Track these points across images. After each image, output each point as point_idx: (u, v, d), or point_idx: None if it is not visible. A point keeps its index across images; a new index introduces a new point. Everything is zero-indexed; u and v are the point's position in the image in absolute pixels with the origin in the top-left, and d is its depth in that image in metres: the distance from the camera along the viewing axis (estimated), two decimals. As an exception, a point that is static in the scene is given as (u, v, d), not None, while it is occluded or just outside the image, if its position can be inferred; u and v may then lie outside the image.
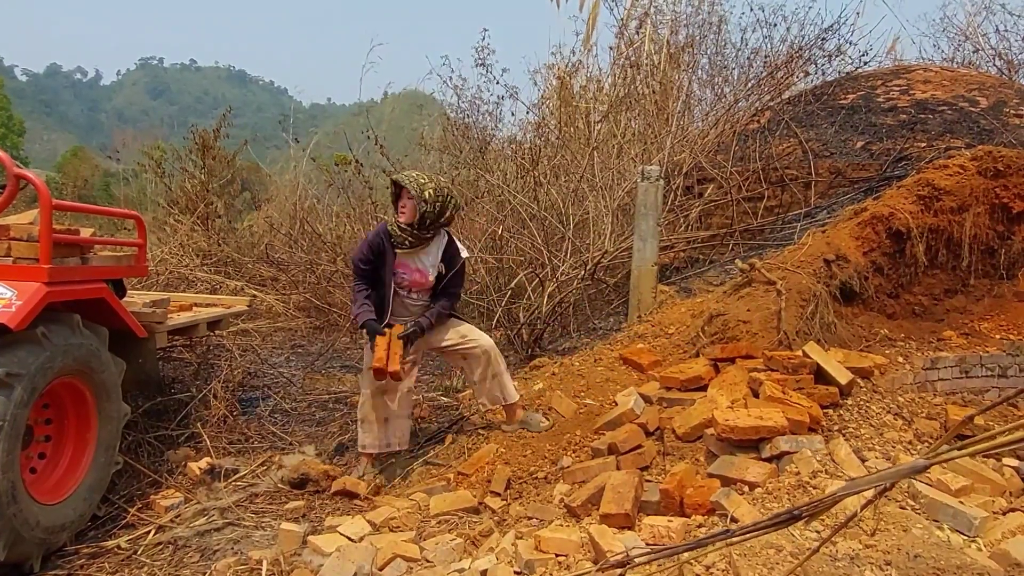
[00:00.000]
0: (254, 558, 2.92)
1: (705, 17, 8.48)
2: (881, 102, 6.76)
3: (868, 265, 4.23)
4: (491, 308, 5.99)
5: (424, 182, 3.69)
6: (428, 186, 3.67)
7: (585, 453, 3.54)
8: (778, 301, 3.81)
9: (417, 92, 11.73)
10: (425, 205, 3.65)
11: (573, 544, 2.55)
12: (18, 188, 2.99)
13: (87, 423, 3.26)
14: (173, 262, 7.91)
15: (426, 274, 3.80)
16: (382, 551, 2.76)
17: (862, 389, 3.42)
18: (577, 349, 5.01)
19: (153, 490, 3.70)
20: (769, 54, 7.89)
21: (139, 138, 25.69)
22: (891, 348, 4.01)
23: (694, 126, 7.47)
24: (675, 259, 6.17)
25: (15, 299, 2.76)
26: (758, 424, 2.90)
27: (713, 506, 2.65)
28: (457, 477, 3.65)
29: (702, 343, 4.00)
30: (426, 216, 3.68)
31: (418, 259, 3.80)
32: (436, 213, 3.70)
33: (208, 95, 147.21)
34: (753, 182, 6.26)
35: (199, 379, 4.83)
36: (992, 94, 6.57)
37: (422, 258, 3.80)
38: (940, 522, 2.45)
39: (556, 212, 6.20)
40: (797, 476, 2.70)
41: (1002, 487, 2.84)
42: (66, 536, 3.10)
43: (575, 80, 8.69)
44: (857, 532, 2.34)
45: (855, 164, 6.06)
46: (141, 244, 3.94)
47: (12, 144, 32.22)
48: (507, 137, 8.58)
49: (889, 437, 3.12)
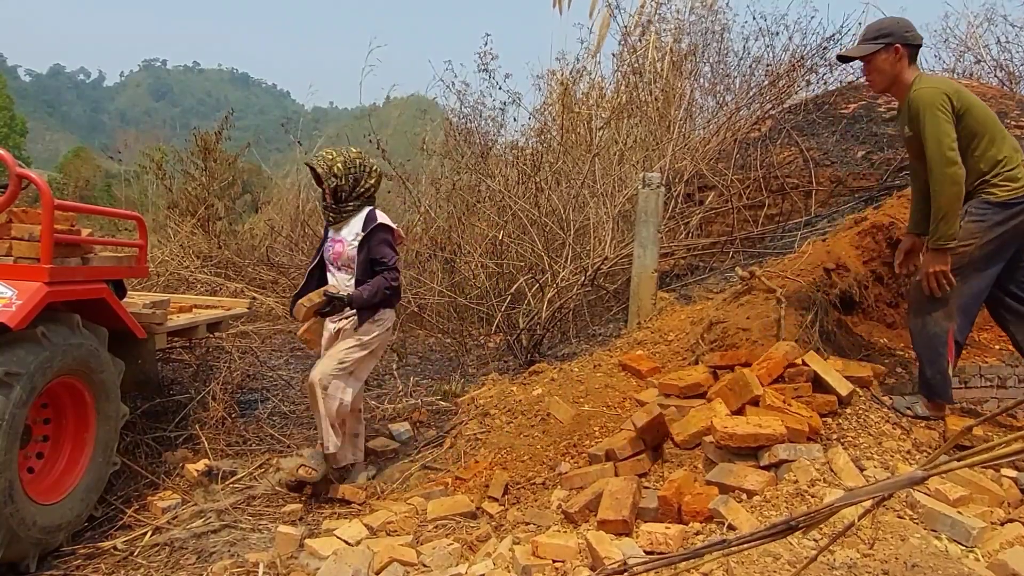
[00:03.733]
0: (251, 561, 2.91)
1: (708, 25, 8.50)
2: (882, 112, 6.78)
3: (868, 274, 4.23)
4: (491, 313, 5.99)
5: (332, 157, 3.73)
6: (337, 160, 3.72)
7: (583, 459, 3.54)
8: (778, 309, 3.81)
9: (421, 97, 11.75)
10: (335, 179, 3.70)
11: (570, 550, 2.55)
12: (20, 188, 3.00)
13: (85, 423, 3.26)
14: (173, 263, 7.92)
15: (344, 244, 3.76)
16: (379, 555, 2.76)
17: (861, 398, 3.42)
18: (576, 355, 5.01)
19: (150, 491, 3.70)
20: (771, 63, 7.91)
21: (141, 139, 25.75)
22: (890, 357, 4.00)
23: (696, 133, 7.49)
24: (675, 266, 6.17)
25: (15, 298, 2.77)
26: (757, 432, 2.90)
27: (711, 513, 2.65)
28: (455, 482, 3.65)
29: (701, 350, 4.00)
30: (339, 190, 3.73)
31: (340, 232, 3.80)
32: (351, 186, 3.74)
33: (211, 97, 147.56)
34: (754, 190, 6.27)
35: (198, 381, 4.83)
36: (993, 105, 6.58)
37: (343, 231, 3.79)
38: (938, 532, 2.45)
39: (557, 218, 6.20)
40: (795, 484, 2.69)
41: (1000, 497, 2.84)
42: (63, 536, 3.10)
43: (578, 86, 8.72)
44: (855, 541, 2.33)
45: (856, 173, 6.07)
46: (142, 245, 3.95)
47: (14, 144, 32.28)
48: (509, 142, 8.60)
49: (888, 446, 3.11)
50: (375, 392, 5.42)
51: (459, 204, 7.65)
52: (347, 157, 3.75)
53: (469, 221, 7.14)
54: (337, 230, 3.81)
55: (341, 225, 3.80)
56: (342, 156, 3.75)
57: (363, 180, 3.78)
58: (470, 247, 6.74)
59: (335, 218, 3.80)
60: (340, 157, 3.74)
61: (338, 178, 3.71)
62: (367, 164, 3.82)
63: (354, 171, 3.74)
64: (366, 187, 3.80)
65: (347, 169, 3.72)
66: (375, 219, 3.72)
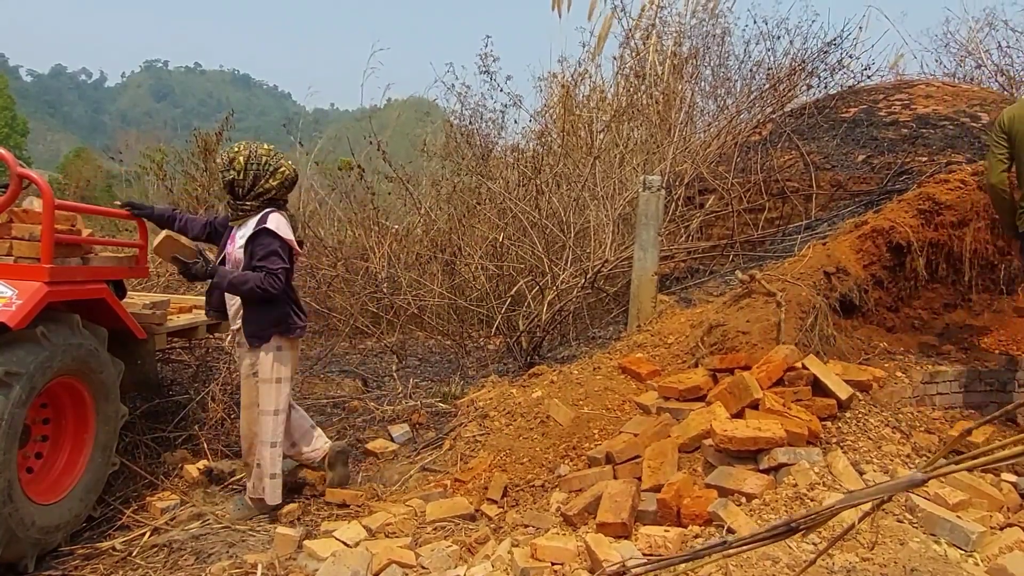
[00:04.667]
0: (249, 562, 2.91)
1: (709, 29, 8.52)
2: (883, 116, 6.78)
3: (868, 278, 4.23)
4: (491, 315, 5.99)
5: (237, 150, 3.49)
6: (240, 153, 3.46)
7: (582, 461, 3.53)
8: (778, 313, 3.81)
9: (422, 100, 11.76)
10: (232, 173, 3.46)
11: (569, 552, 2.55)
12: (21, 187, 3.00)
13: (85, 423, 3.26)
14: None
15: (234, 244, 3.52)
16: (377, 556, 2.76)
17: (861, 402, 3.42)
18: (576, 357, 5.01)
19: (149, 492, 3.69)
20: (772, 67, 7.92)
21: (142, 140, 25.72)
22: (890, 361, 4.00)
23: (696, 137, 7.49)
24: (675, 269, 6.17)
25: (15, 298, 2.77)
26: (756, 435, 2.90)
27: (710, 516, 2.65)
28: (454, 484, 3.65)
29: (701, 353, 4.00)
30: (236, 185, 3.48)
31: (238, 234, 3.54)
32: (249, 183, 3.46)
33: (212, 98, 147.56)
34: (754, 193, 6.27)
35: (197, 381, 4.82)
36: (994, 110, 6.59)
37: (238, 231, 3.54)
38: (937, 536, 2.45)
39: (557, 220, 6.21)
40: (795, 488, 2.69)
41: (1000, 502, 2.84)
42: (61, 536, 3.09)
43: (579, 89, 8.72)
44: (854, 545, 2.33)
45: (856, 177, 6.07)
46: (142, 245, 3.95)
47: (15, 144, 32.28)
48: (510, 145, 8.61)
49: (887, 450, 3.11)
50: (374, 394, 5.42)
51: (459, 206, 7.65)
52: (253, 152, 3.49)
53: (469, 223, 7.15)
54: (237, 228, 3.57)
55: (239, 223, 3.55)
56: (248, 150, 3.48)
57: (263, 180, 3.48)
58: (470, 249, 6.73)
59: (233, 215, 3.55)
60: (245, 151, 3.48)
61: (236, 172, 3.46)
62: (275, 164, 3.51)
63: (255, 168, 3.46)
64: (265, 187, 3.49)
65: (247, 164, 3.45)
66: (264, 222, 3.42)
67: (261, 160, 3.48)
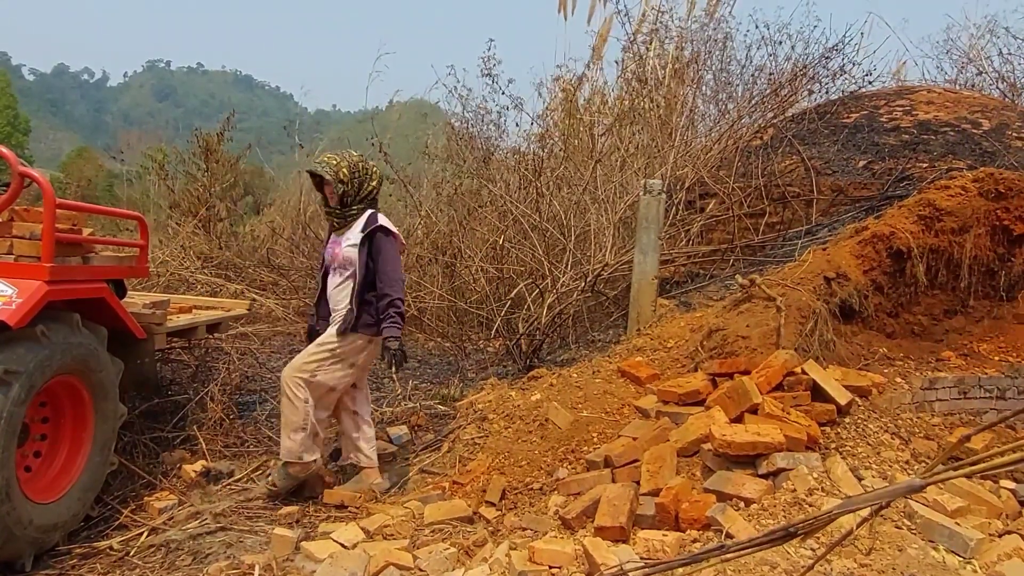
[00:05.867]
0: (246, 562, 2.91)
1: (711, 34, 8.52)
2: (884, 122, 6.79)
3: (868, 284, 4.23)
4: (491, 318, 5.99)
5: (337, 162, 3.72)
6: (342, 166, 3.72)
7: (581, 465, 3.53)
8: (777, 317, 3.81)
9: (423, 102, 11.76)
10: (343, 185, 3.70)
11: (567, 556, 2.55)
12: (22, 186, 3.00)
13: (84, 422, 3.26)
14: (174, 264, 7.91)
15: (342, 246, 3.76)
16: (375, 558, 2.75)
17: (860, 408, 3.42)
18: (576, 361, 5.01)
19: (147, 492, 3.69)
20: (773, 72, 7.92)
21: (144, 140, 25.77)
22: (889, 367, 4.00)
23: (697, 141, 7.49)
24: (675, 273, 6.17)
25: (15, 297, 2.77)
26: (755, 440, 2.90)
27: (708, 521, 2.65)
28: (452, 486, 3.65)
29: (701, 357, 4.00)
30: (346, 195, 3.73)
31: (344, 237, 3.79)
32: (356, 190, 3.75)
33: (214, 98, 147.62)
34: (755, 198, 6.28)
35: (196, 381, 4.82)
36: (995, 116, 6.60)
37: (346, 235, 3.78)
38: (936, 543, 2.44)
39: (558, 223, 6.21)
40: (793, 493, 2.69)
41: (999, 509, 2.83)
42: (59, 536, 3.09)
43: (580, 93, 8.73)
44: (852, 551, 2.33)
45: (857, 183, 6.08)
46: (143, 245, 3.95)
47: (17, 143, 32.32)
48: (511, 148, 8.60)
49: (886, 456, 3.11)
50: (374, 395, 5.42)
51: (460, 208, 7.65)
52: (351, 161, 3.75)
53: (470, 225, 7.14)
54: (340, 234, 3.82)
55: (344, 229, 3.80)
56: (346, 161, 3.74)
57: (366, 183, 3.78)
58: (471, 251, 6.73)
59: (339, 223, 3.80)
60: (344, 162, 3.73)
61: (344, 183, 3.70)
62: (368, 167, 3.82)
63: (358, 175, 3.74)
64: (369, 190, 3.80)
65: (352, 174, 3.72)
66: (375, 221, 3.72)
67: (359, 167, 3.76)
